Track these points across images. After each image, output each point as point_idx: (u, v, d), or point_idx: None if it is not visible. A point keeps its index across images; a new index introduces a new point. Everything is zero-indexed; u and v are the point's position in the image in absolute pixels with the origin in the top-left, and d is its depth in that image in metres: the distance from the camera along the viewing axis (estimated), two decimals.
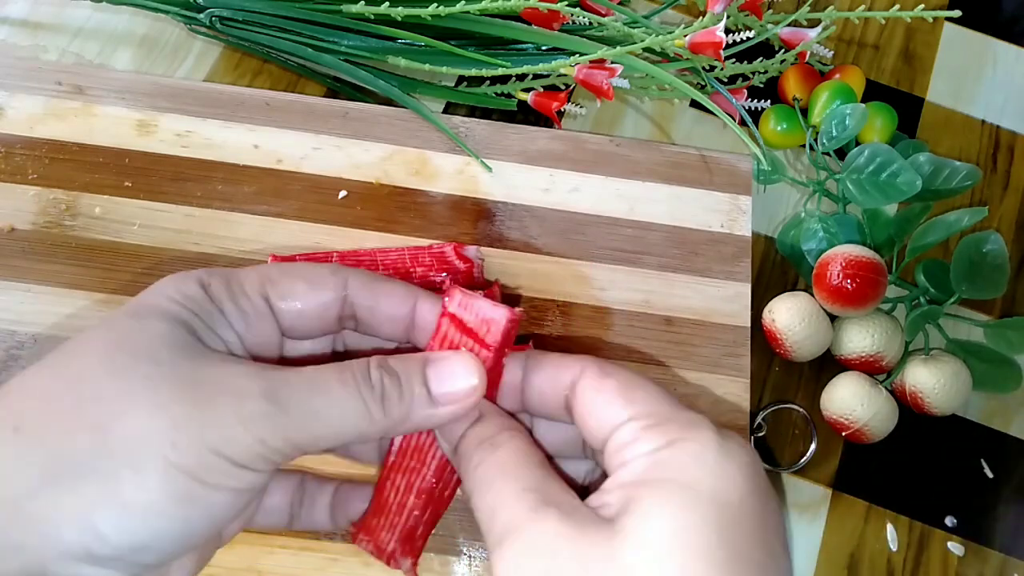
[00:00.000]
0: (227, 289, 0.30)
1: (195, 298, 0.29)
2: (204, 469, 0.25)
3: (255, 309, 0.30)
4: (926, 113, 0.55)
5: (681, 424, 0.27)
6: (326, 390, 0.28)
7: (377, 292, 0.32)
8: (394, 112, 0.49)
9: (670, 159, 0.49)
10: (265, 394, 0.26)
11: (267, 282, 0.31)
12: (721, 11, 0.46)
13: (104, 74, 0.48)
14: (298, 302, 0.31)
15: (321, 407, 0.27)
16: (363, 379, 0.28)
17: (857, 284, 0.43)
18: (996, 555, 0.44)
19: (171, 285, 0.29)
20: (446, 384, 0.29)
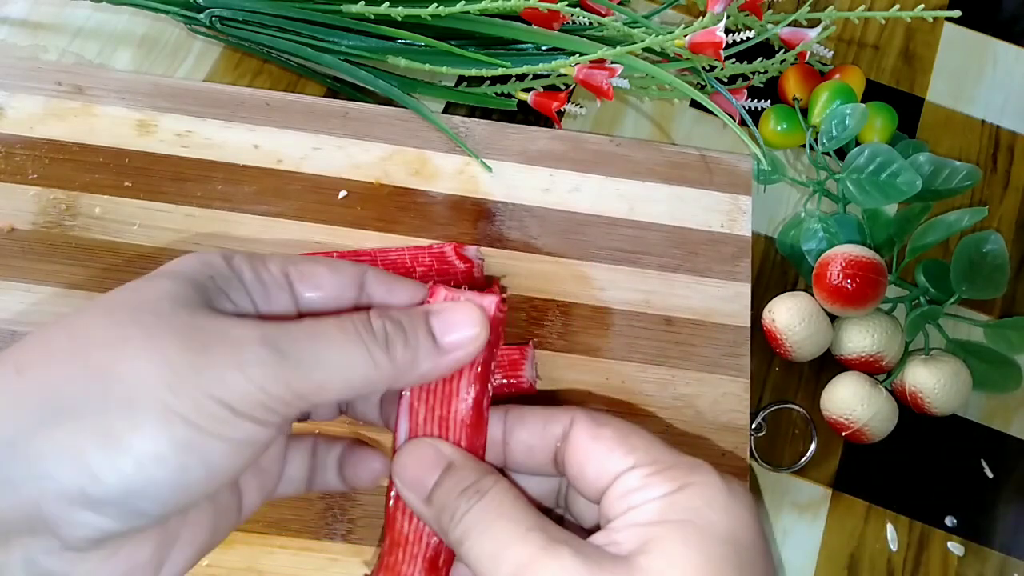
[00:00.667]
0: (249, 261, 0.30)
1: (214, 264, 0.29)
2: (203, 415, 0.25)
3: (275, 280, 0.30)
4: (926, 113, 0.55)
5: (685, 469, 0.28)
6: (326, 337, 0.28)
7: (392, 284, 0.32)
8: (394, 112, 0.49)
9: (670, 159, 0.49)
10: (263, 341, 0.26)
11: (289, 263, 0.31)
12: (721, 11, 0.46)
13: (104, 74, 0.48)
14: (318, 285, 0.31)
15: (322, 353, 0.27)
16: (364, 327, 0.28)
17: (857, 284, 0.43)
18: (996, 555, 0.44)
19: (194, 255, 0.30)
20: (451, 332, 0.30)
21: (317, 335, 0.28)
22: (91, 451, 0.24)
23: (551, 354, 0.44)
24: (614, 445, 0.29)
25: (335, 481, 0.34)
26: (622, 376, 0.44)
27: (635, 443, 0.29)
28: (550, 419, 0.30)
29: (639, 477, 0.27)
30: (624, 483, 0.28)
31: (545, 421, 0.31)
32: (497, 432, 0.31)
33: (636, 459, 0.28)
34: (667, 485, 0.27)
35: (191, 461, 0.25)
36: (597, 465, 0.29)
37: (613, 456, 0.28)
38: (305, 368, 0.27)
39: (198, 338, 0.26)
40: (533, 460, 0.31)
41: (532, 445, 0.31)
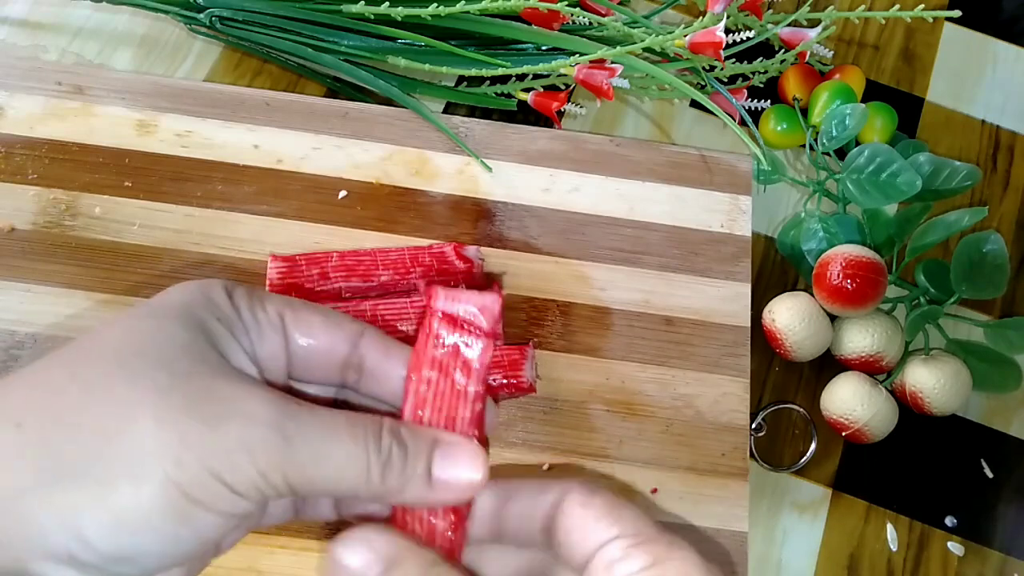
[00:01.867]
0: (248, 298, 0.30)
1: (218, 302, 0.29)
2: (202, 490, 0.25)
3: (268, 321, 0.30)
4: (926, 113, 0.55)
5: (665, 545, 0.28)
6: (336, 437, 0.27)
7: (389, 349, 0.32)
8: (394, 112, 0.49)
9: (670, 159, 0.49)
10: (275, 424, 0.26)
11: (287, 306, 0.31)
12: (721, 11, 0.46)
13: (104, 74, 0.48)
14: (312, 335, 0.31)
15: (327, 454, 0.27)
16: (374, 439, 0.28)
17: (857, 284, 0.43)
18: (996, 555, 0.44)
19: (196, 286, 0.29)
20: (449, 471, 0.29)
21: (328, 432, 0.27)
22: (85, 516, 0.24)
23: (551, 354, 0.44)
24: (602, 514, 0.29)
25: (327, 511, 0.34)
26: (622, 376, 0.44)
27: (622, 514, 0.29)
28: (544, 488, 0.30)
29: (621, 548, 0.28)
30: (607, 553, 0.28)
31: (539, 490, 0.31)
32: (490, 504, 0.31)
33: (620, 529, 0.28)
34: (645, 558, 0.27)
35: (183, 531, 0.25)
36: (583, 532, 0.29)
37: (600, 525, 0.29)
38: (306, 463, 0.26)
39: (212, 409, 0.26)
40: (523, 533, 0.31)
41: (525, 516, 0.31)
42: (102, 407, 0.25)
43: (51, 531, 0.24)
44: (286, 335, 0.30)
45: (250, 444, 0.26)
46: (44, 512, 0.24)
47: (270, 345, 0.30)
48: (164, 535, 0.25)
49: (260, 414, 0.26)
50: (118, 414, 0.25)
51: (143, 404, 0.25)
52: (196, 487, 0.25)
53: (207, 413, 0.26)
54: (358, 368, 0.32)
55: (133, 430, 0.25)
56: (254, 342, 0.30)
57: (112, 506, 0.24)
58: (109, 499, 0.24)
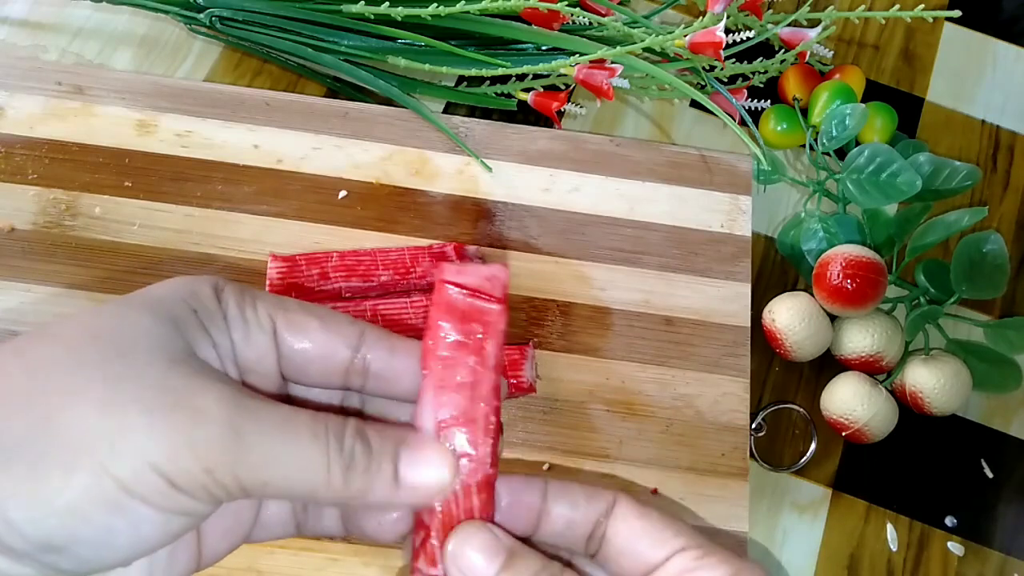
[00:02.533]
0: (237, 296, 0.29)
1: (200, 295, 0.28)
2: (137, 482, 0.24)
3: (257, 322, 0.29)
4: (926, 113, 0.55)
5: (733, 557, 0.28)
6: (295, 437, 0.26)
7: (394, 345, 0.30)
8: (394, 112, 0.49)
9: (670, 159, 0.49)
10: (227, 421, 0.25)
11: (280, 307, 0.29)
12: (721, 11, 0.46)
13: (104, 74, 0.48)
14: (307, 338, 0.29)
15: (283, 454, 0.26)
16: (335, 439, 0.27)
17: (857, 284, 0.43)
18: (996, 555, 0.44)
19: (184, 280, 0.28)
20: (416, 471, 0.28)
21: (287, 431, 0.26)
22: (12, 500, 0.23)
23: (551, 354, 0.44)
24: (662, 525, 0.29)
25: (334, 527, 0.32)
26: (622, 376, 0.44)
27: (680, 527, 0.29)
28: (594, 496, 0.30)
29: (693, 557, 0.28)
30: (678, 563, 0.28)
31: (589, 497, 0.30)
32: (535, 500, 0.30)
33: (684, 541, 0.28)
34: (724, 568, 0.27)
35: (118, 523, 0.24)
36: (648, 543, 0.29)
37: (663, 535, 0.29)
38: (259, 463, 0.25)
39: (162, 400, 0.25)
40: (570, 534, 0.30)
41: (573, 519, 0.30)
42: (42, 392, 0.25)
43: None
44: (276, 338, 0.29)
45: (195, 440, 0.24)
46: None
47: (257, 347, 0.29)
48: (96, 525, 0.24)
49: (212, 409, 0.25)
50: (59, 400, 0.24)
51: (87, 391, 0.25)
52: (132, 479, 0.24)
53: (154, 404, 0.25)
54: (363, 372, 0.30)
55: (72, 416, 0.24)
56: (237, 342, 0.28)
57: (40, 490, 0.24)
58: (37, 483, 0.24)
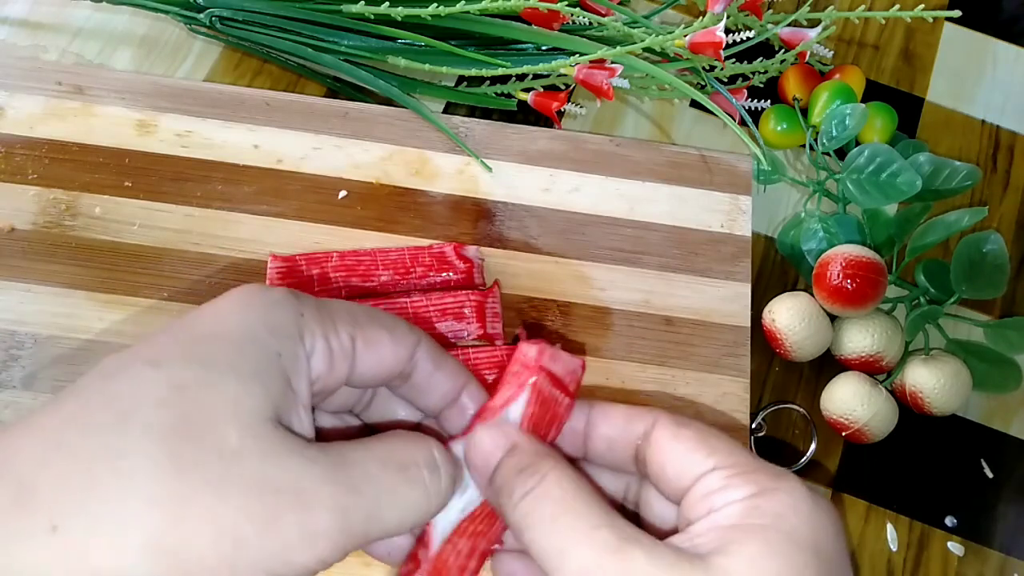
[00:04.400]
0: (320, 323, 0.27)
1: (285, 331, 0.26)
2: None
3: (342, 349, 0.27)
4: (926, 113, 0.55)
5: (769, 475, 0.27)
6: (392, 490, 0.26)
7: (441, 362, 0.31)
8: (394, 112, 0.49)
9: (670, 159, 0.49)
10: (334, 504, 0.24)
11: (356, 326, 0.28)
12: (721, 11, 0.46)
13: (104, 74, 0.48)
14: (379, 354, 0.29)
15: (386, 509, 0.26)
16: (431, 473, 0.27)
17: (857, 284, 0.43)
18: (996, 555, 0.44)
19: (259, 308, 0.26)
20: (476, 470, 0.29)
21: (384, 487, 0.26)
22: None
23: None
24: (694, 446, 0.28)
25: None
26: (622, 376, 0.44)
27: (715, 445, 0.28)
28: (633, 417, 0.30)
29: (720, 478, 0.27)
30: (705, 484, 0.27)
31: (628, 418, 0.30)
32: (580, 424, 0.31)
33: (717, 461, 0.27)
34: (749, 488, 0.26)
35: None
36: (678, 465, 0.28)
37: (694, 457, 0.28)
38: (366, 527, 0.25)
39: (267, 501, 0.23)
40: (612, 455, 0.31)
41: (613, 440, 0.30)
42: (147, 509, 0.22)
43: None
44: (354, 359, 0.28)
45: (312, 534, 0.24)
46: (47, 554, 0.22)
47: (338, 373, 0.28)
48: None
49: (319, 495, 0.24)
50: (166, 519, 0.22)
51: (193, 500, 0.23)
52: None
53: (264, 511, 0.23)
54: (404, 376, 0.30)
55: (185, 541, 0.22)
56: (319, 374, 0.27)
57: None
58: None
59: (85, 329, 0.42)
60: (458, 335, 0.42)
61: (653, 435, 0.29)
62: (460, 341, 0.43)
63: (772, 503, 0.26)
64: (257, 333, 0.26)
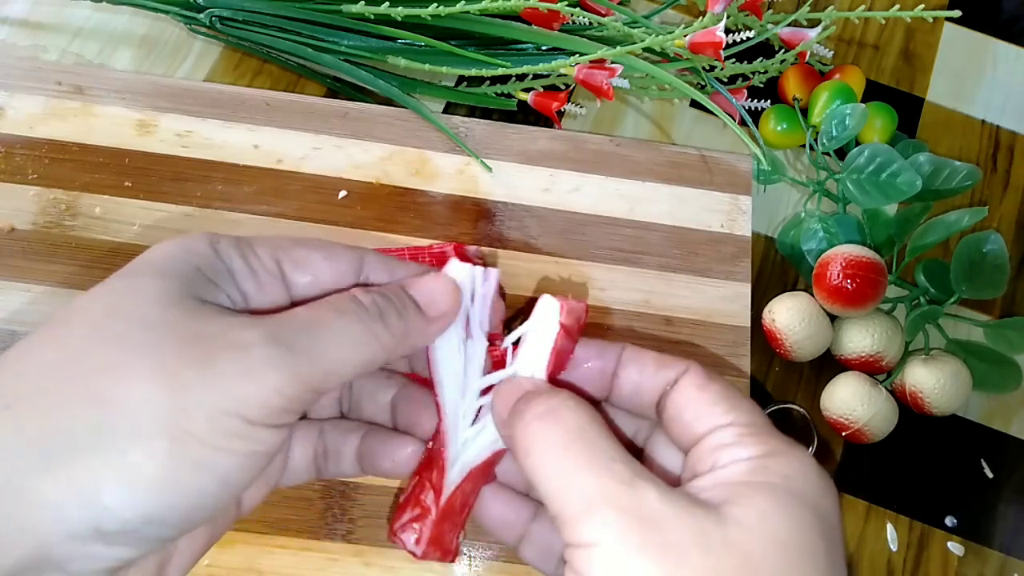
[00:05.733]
0: (237, 247, 0.29)
1: (200, 252, 0.28)
2: (218, 433, 0.24)
3: (265, 269, 0.29)
4: (926, 113, 0.55)
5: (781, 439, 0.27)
6: (325, 322, 0.27)
7: (394, 268, 0.32)
8: (394, 112, 0.49)
9: (670, 159, 0.49)
10: (268, 339, 0.26)
11: (279, 249, 0.30)
12: (721, 11, 0.46)
13: (104, 74, 0.48)
14: (313, 271, 0.30)
15: (326, 340, 0.27)
16: (356, 304, 0.28)
17: (857, 284, 0.43)
18: (996, 555, 0.44)
19: (178, 241, 0.28)
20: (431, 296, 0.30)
21: (317, 322, 0.27)
22: (103, 485, 0.23)
23: None
24: (718, 399, 0.28)
25: (351, 468, 0.33)
26: None
27: (738, 403, 0.28)
28: (664, 364, 0.30)
29: (733, 434, 0.27)
30: (718, 437, 0.27)
31: (659, 364, 0.30)
32: (609, 365, 0.31)
33: (735, 417, 0.28)
34: (759, 447, 0.26)
35: (207, 480, 0.25)
36: (696, 413, 0.28)
37: (715, 409, 0.28)
38: (313, 358, 0.26)
39: (200, 346, 0.25)
40: (637, 399, 0.31)
41: (641, 384, 0.30)
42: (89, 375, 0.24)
43: (69, 508, 0.23)
44: (286, 279, 0.30)
45: (253, 369, 0.25)
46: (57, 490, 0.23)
47: (271, 292, 0.29)
48: (188, 488, 0.24)
49: (251, 336, 0.26)
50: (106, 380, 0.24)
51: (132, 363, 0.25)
52: (210, 431, 0.24)
53: (199, 355, 0.25)
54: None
55: (129, 391, 0.24)
56: (249, 292, 0.29)
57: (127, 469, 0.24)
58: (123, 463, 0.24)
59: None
60: None
61: (681, 382, 0.29)
62: None
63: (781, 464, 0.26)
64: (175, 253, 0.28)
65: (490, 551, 0.40)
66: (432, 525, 0.32)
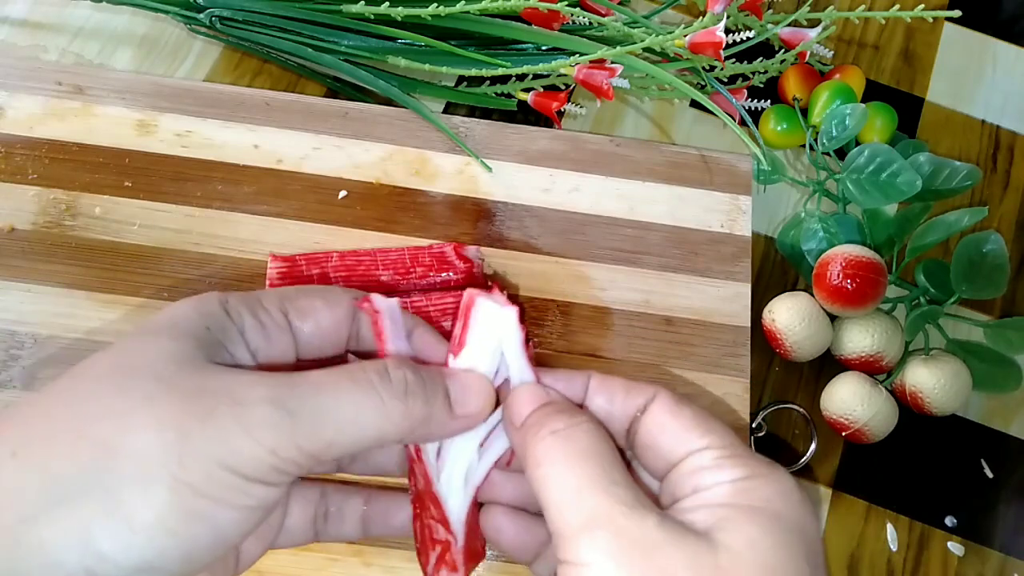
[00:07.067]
0: (246, 303, 0.30)
1: (212, 313, 0.29)
2: (213, 485, 0.25)
3: (274, 322, 0.30)
4: (926, 113, 0.55)
5: (759, 461, 0.28)
6: (336, 389, 0.27)
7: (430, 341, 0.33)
8: (394, 112, 0.49)
9: (670, 159, 0.49)
10: (271, 400, 0.26)
11: (286, 300, 0.31)
12: (721, 11, 0.46)
13: (104, 74, 0.48)
14: (317, 319, 0.31)
15: (332, 408, 0.27)
16: (379, 376, 0.28)
17: (857, 284, 0.43)
18: (996, 555, 0.44)
19: (189, 302, 0.29)
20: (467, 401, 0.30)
21: (326, 388, 0.27)
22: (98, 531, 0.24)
23: (551, 354, 0.44)
24: (692, 425, 0.29)
25: (353, 531, 0.34)
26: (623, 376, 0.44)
27: (711, 426, 0.29)
28: (632, 389, 0.31)
29: (711, 458, 0.27)
30: (695, 461, 0.28)
31: (627, 390, 0.31)
32: (577, 393, 0.31)
33: (711, 441, 0.28)
34: (740, 469, 0.27)
35: (201, 531, 0.25)
36: (672, 440, 0.29)
37: (689, 435, 0.28)
38: (315, 426, 0.26)
39: (203, 402, 0.25)
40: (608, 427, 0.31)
41: (610, 412, 0.31)
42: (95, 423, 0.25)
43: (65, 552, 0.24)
44: (292, 329, 0.30)
45: (250, 426, 0.25)
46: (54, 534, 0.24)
47: (280, 344, 0.30)
48: (182, 537, 0.25)
49: (252, 394, 0.26)
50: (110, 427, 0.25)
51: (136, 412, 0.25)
52: (205, 482, 0.25)
53: (202, 408, 0.25)
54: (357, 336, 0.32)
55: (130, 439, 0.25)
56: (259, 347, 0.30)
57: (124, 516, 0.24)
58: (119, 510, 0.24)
59: (85, 329, 0.42)
60: None
61: (652, 407, 0.30)
62: None
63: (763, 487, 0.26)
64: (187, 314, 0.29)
65: (490, 551, 0.40)
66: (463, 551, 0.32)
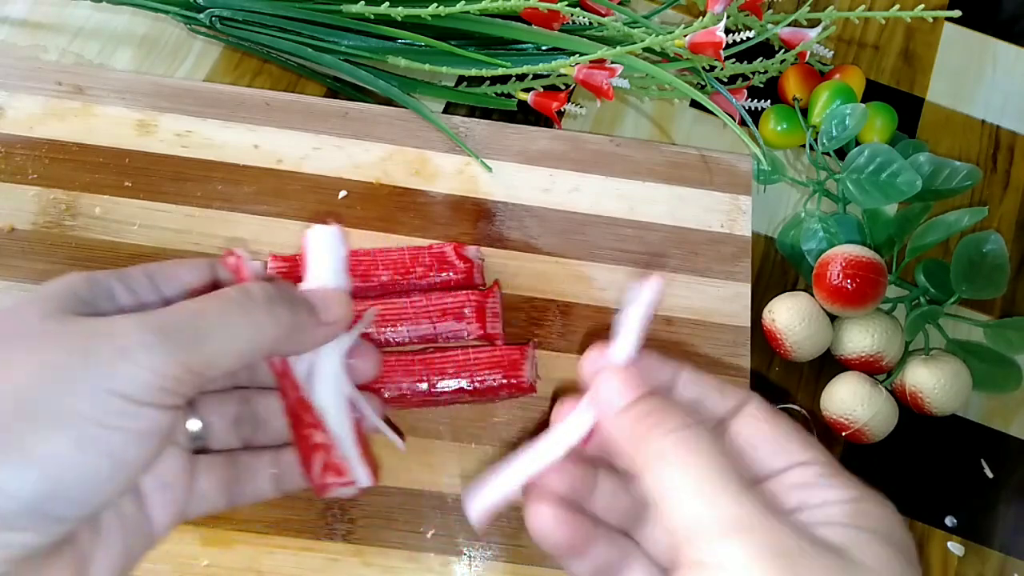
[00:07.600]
0: (112, 273, 0.31)
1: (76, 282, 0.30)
2: (101, 411, 0.26)
3: (142, 287, 0.31)
4: (926, 113, 0.55)
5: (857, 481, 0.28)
6: (205, 310, 0.29)
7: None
8: (394, 112, 0.49)
9: (670, 159, 0.49)
10: (144, 326, 0.27)
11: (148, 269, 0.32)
12: (721, 11, 0.46)
13: (104, 74, 0.48)
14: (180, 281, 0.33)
15: (203, 325, 0.28)
16: (241, 293, 0.30)
17: (857, 284, 0.43)
18: (996, 555, 0.44)
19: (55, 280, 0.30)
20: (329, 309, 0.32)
21: (194, 309, 0.29)
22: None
23: (551, 354, 0.44)
24: (790, 435, 0.29)
25: (267, 489, 0.34)
26: None
27: (809, 440, 0.29)
28: (726, 390, 0.31)
29: (815, 475, 0.28)
30: (798, 475, 0.28)
31: (722, 391, 0.31)
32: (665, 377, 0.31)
33: (813, 456, 0.28)
34: (847, 491, 0.28)
35: (98, 458, 0.26)
36: (771, 449, 0.29)
37: (791, 444, 0.29)
38: (190, 342, 0.28)
39: (77, 340, 0.27)
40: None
41: (700, 403, 0.31)
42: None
43: None
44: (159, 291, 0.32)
45: (128, 350, 0.26)
46: None
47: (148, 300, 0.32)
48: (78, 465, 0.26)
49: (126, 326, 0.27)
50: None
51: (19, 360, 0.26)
52: (95, 409, 0.26)
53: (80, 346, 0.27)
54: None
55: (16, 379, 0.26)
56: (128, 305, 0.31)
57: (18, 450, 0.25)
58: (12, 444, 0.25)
59: None
60: (458, 335, 0.42)
61: (747, 411, 0.30)
62: (460, 341, 0.43)
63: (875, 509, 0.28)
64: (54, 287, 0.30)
65: (490, 551, 0.40)
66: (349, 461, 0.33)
